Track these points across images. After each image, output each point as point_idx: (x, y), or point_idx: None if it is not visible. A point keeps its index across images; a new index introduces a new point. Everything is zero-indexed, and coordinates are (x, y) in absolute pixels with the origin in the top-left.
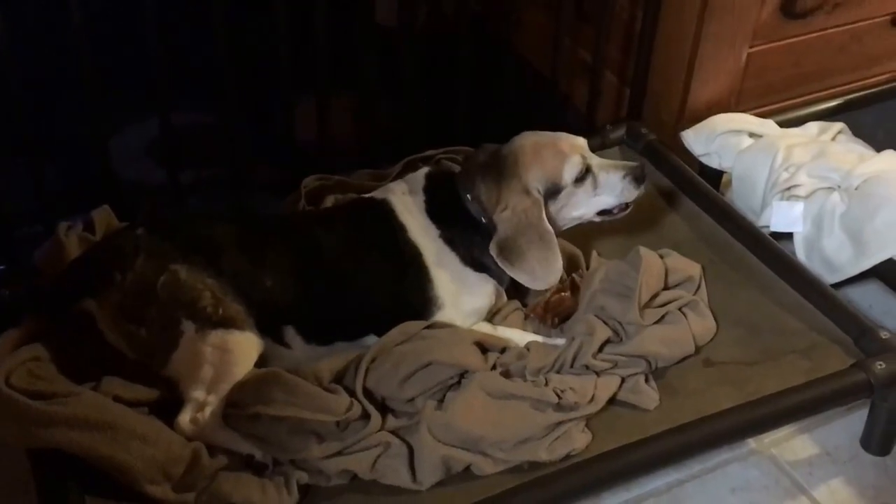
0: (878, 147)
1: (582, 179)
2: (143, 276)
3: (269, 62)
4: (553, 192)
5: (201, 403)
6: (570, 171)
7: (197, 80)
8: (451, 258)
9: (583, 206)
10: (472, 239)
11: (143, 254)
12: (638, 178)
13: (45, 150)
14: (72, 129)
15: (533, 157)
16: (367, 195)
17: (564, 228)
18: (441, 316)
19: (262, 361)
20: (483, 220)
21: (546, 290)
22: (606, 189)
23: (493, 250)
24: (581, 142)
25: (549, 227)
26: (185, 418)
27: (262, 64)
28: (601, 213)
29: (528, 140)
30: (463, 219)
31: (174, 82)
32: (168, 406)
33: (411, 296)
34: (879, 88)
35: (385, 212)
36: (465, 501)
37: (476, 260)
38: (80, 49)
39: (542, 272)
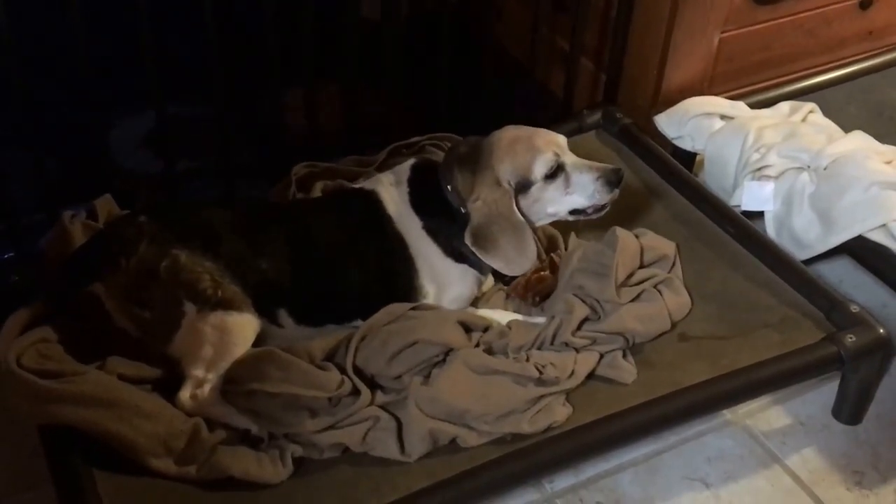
0: (849, 125)
1: (553, 176)
2: (147, 261)
3: (259, 55)
4: (524, 185)
5: (201, 381)
6: (540, 167)
7: (190, 72)
8: (433, 249)
9: (555, 204)
10: (451, 229)
11: (146, 240)
12: (611, 181)
13: (48, 142)
14: (73, 121)
15: (507, 150)
16: (357, 185)
17: (539, 224)
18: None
19: (257, 341)
20: (463, 211)
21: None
22: (578, 189)
23: (467, 239)
24: (560, 139)
25: (521, 218)
26: (185, 395)
27: (252, 57)
28: (574, 212)
29: (507, 133)
30: (444, 210)
31: (168, 75)
32: (169, 383)
33: (396, 285)
34: (848, 70)
35: (373, 202)
36: (451, 472)
37: (456, 251)
38: (78, 44)
39: (516, 258)
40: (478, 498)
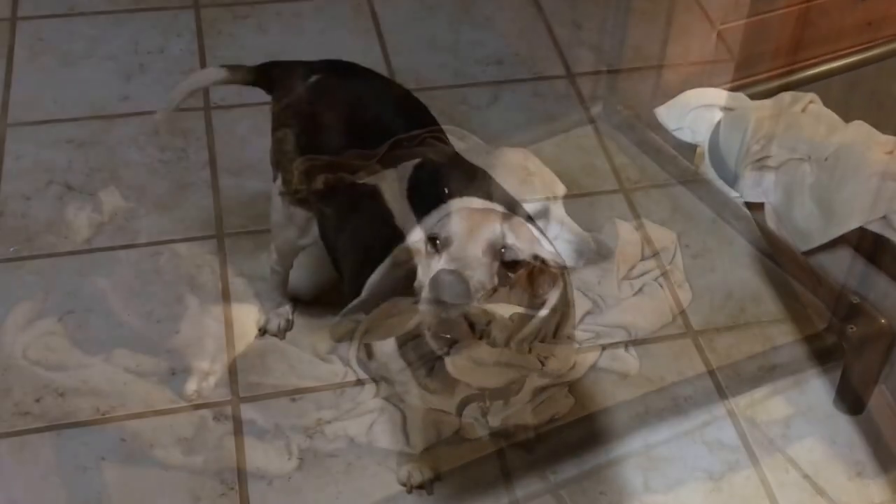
0: (849, 115)
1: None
2: (150, 255)
3: None
4: None
5: (206, 373)
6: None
7: None
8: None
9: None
10: None
11: (146, 234)
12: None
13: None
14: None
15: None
16: (362, 181)
17: None
18: None
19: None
20: None
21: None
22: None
23: None
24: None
25: None
26: (191, 387)
27: None
28: None
29: (504, 158)
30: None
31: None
32: (175, 375)
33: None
34: (848, 60)
35: (376, 198)
36: (455, 463)
37: None
38: None
39: None
40: (481, 489)
